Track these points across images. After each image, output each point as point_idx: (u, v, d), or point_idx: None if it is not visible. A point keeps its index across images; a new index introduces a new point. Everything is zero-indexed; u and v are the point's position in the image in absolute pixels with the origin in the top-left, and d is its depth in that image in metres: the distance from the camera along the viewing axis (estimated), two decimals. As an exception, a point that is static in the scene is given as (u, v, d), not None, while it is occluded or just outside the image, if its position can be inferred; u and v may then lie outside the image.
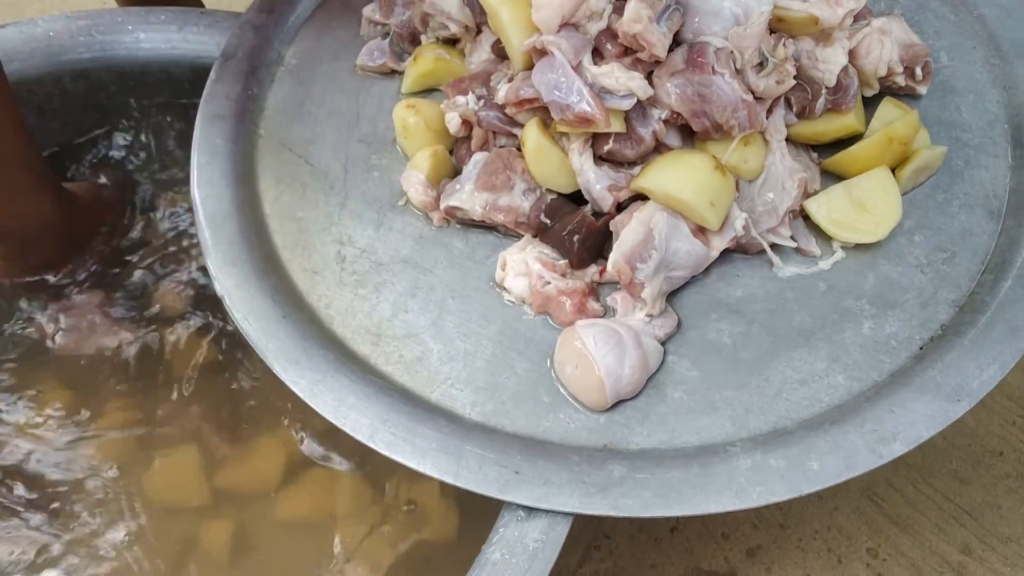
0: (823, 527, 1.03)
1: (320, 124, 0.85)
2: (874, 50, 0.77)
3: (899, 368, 0.69)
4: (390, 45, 0.88)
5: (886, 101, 0.78)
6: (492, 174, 0.75)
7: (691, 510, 0.63)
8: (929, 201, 0.77)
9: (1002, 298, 0.70)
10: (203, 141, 0.82)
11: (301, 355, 0.71)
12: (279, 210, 0.80)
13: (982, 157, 0.79)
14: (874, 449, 0.64)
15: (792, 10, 0.72)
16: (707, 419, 0.68)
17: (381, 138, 0.84)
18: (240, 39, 0.88)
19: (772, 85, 0.71)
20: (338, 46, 0.90)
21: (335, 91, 0.87)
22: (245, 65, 0.87)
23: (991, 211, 0.76)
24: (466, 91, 0.79)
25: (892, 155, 0.74)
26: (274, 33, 0.90)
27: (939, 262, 0.74)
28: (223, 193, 0.79)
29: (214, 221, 0.77)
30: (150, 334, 0.91)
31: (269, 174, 0.82)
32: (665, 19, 0.70)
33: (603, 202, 0.73)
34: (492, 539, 0.65)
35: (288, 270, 0.76)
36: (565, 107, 0.71)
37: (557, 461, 0.65)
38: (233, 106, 0.84)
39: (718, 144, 0.73)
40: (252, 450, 0.87)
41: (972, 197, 0.77)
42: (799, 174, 0.74)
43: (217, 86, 0.85)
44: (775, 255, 0.74)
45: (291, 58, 0.89)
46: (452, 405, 0.69)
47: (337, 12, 0.92)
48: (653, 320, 0.71)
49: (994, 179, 0.78)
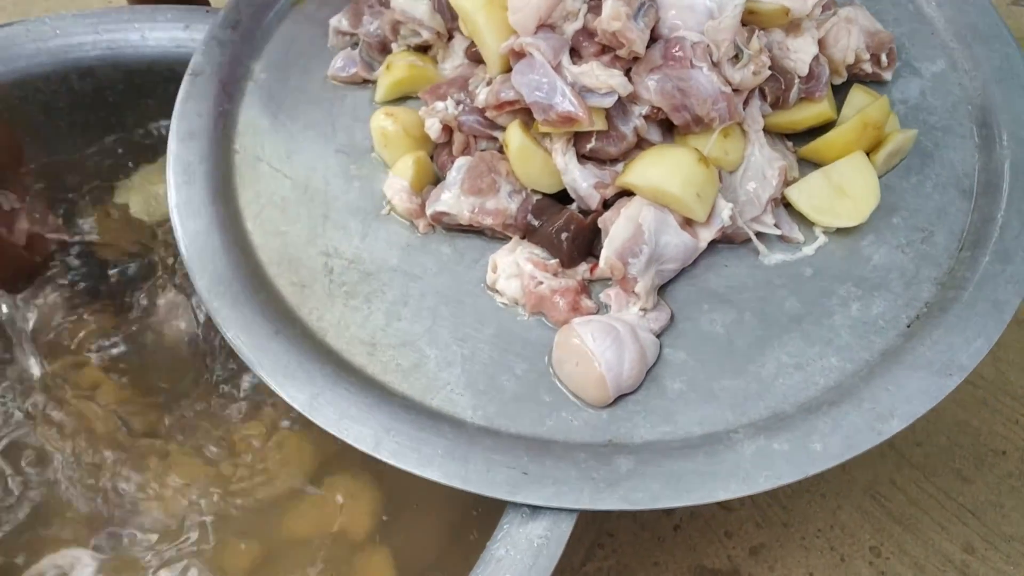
0: (826, 525, 1.04)
1: (296, 137, 0.84)
2: (842, 38, 0.78)
3: (889, 347, 0.70)
4: (360, 55, 0.88)
5: (855, 88, 0.80)
6: (477, 178, 0.75)
7: (701, 499, 0.64)
8: (903, 183, 0.79)
9: (982, 273, 0.72)
10: (178, 161, 0.81)
11: (297, 369, 0.70)
12: (262, 226, 0.79)
13: (950, 138, 0.81)
14: (873, 427, 0.65)
15: (763, 2, 0.74)
16: (708, 408, 0.69)
17: (359, 148, 0.83)
18: (207, 55, 0.87)
19: (749, 76, 0.72)
20: (307, 58, 0.89)
21: (308, 103, 0.86)
22: (215, 82, 0.85)
23: (963, 190, 0.78)
24: (444, 96, 0.79)
25: (867, 140, 0.76)
26: (241, 48, 0.89)
27: (918, 242, 0.76)
28: (202, 211, 0.78)
29: (196, 241, 0.76)
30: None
31: (248, 190, 0.81)
32: (642, 15, 0.71)
33: (590, 200, 0.74)
34: (497, 535, 0.65)
35: (276, 285, 0.76)
36: (548, 107, 0.71)
37: (564, 459, 0.66)
38: (206, 123, 0.83)
39: (698, 137, 0.74)
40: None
41: (944, 177, 0.79)
42: (779, 163, 0.75)
43: (187, 104, 0.84)
44: (760, 243, 0.75)
45: (260, 72, 0.88)
46: (453, 410, 0.69)
47: (303, 24, 0.92)
48: (647, 314, 0.72)
49: (963, 159, 0.80)
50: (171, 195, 0.79)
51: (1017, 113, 0.80)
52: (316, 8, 0.92)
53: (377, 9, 0.87)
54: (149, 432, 0.88)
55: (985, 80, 0.83)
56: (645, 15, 0.71)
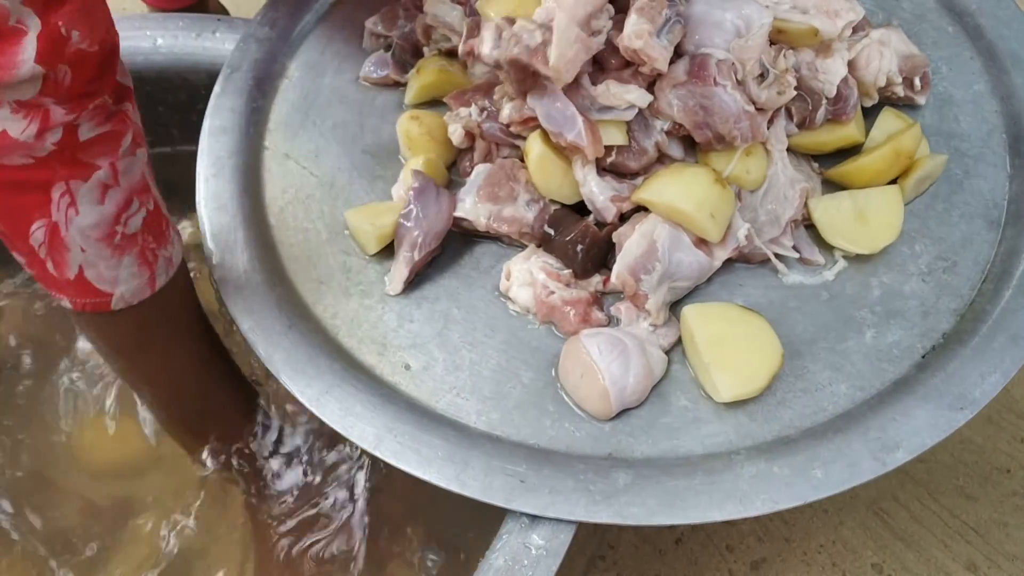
0: (828, 541, 1.03)
1: (324, 136, 0.85)
2: (873, 61, 0.77)
3: (901, 376, 0.69)
4: (393, 57, 0.89)
5: (886, 111, 0.79)
6: (495, 185, 0.76)
7: (696, 518, 0.63)
8: (929, 211, 0.77)
9: (1003, 307, 0.71)
10: (208, 155, 0.83)
11: (308, 365, 0.71)
12: (284, 221, 0.80)
13: (981, 167, 0.79)
14: (877, 457, 0.64)
15: (792, 22, 0.73)
16: (711, 427, 0.68)
17: (386, 149, 0.84)
18: (244, 52, 0.89)
19: (773, 96, 0.72)
20: (341, 58, 0.91)
21: (339, 103, 0.88)
22: (249, 78, 0.87)
23: (991, 220, 0.77)
24: (468, 103, 0.79)
25: (898, 168, 0.75)
26: (278, 46, 0.90)
27: (940, 271, 0.74)
28: (228, 206, 0.80)
29: (220, 234, 0.78)
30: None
31: (274, 186, 0.82)
32: (666, 32, 0.71)
33: (606, 213, 0.74)
34: (496, 545, 0.66)
35: (294, 281, 0.77)
36: (558, 134, 0.72)
37: (563, 469, 0.66)
38: (238, 119, 0.85)
39: (720, 155, 0.74)
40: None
41: (971, 207, 0.78)
42: (801, 184, 0.74)
43: (222, 99, 0.86)
44: (780, 263, 0.74)
45: (295, 70, 0.90)
46: (458, 414, 0.70)
47: (340, 25, 0.93)
48: (657, 330, 0.71)
49: (993, 189, 0.78)
50: (200, 188, 0.81)
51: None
52: (352, 10, 0.94)
53: (412, 12, 0.89)
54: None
55: (1021, 108, 0.81)
56: (670, 32, 0.71)
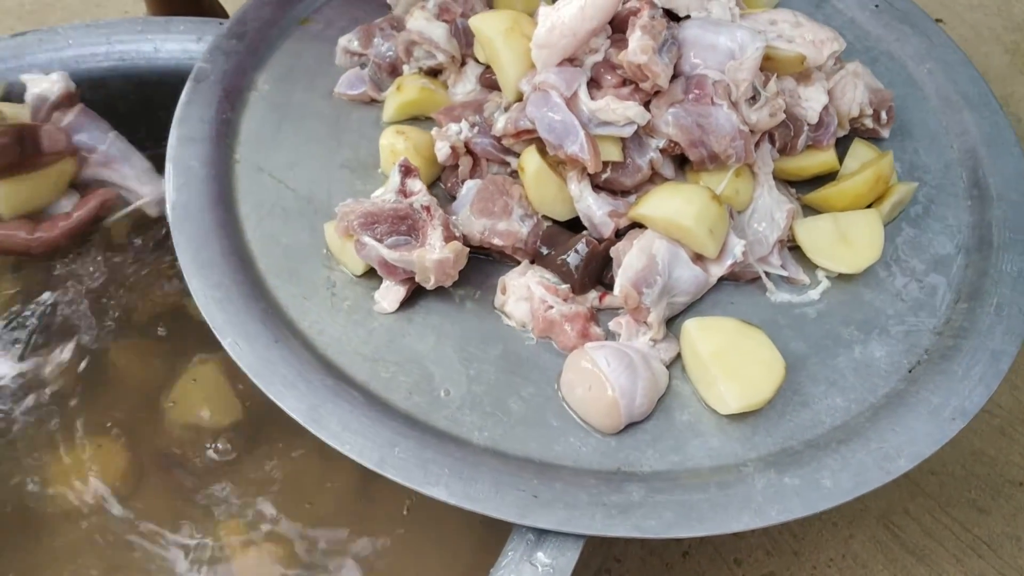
0: (838, 555, 1.02)
1: (299, 150, 0.82)
2: (848, 91, 0.81)
3: (892, 390, 0.71)
4: (369, 75, 0.87)
5: (857, 141, 0.83)
6: (488, 200, 0.75)
7: (713, 530, 0.63)
8: (902, 235, 0.81)
9: (979, 325, 0.74)
10: (178, 163, 0.79)
11: (297, 379, 0.68)
12: (262, 235, 0.77)
13: (943, 196, 0.84)
14: (881, 466, 0.66)
15: (781, 49, 0.76)
16: (716, 440, 0.68)
17: (364, 164, 0.82)
18: (212, 63, 0.85)
19: (765, 118, 0.74)
20: (312, 74, 0.88)
21: (313, 118, 0.85)
22: (218, 89, 0.84)
23: (957, 245, 0.81)
24: (459, 119, 0.78)
25: (876, 192, 0.78)
26: (246, 59, 0.87)
27: (916, 291, 0.77)
28: (201, 216, 0.76)
29: (193, 245, 0.74)
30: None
31: (249, 199, 0.79)
32: (665, 51, 0.72)
33: (603, 228, 0.74)
34: (501, 562, 0.64)
35: (277, 296, 0.73)
36: (558, 146, 0.72)
37: (574, 484, 0.64)
38: (208, 129, 0.81)
39: (711, 175, 0.75)
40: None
41: (939, 232, 0.81)
42: (787, 205, 0.76)
43: (190, 108, 0.82)
44: (769, 281, 0.76)
45: (263, 84, 0.87)
46: (459, 431, 0.67)
47: (309, 41, 0.91)
48: (657, 344, 0.71)
49: (956, 215, 0.82)
50: (169, 196, 0.76)
51: (1007, 176, 0.84)
52: (323, 28, 0.92)
53: (389, 32, 0.87)
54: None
55: (975, 144, 0.86)
56: (668, 51, 0.73)
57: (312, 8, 0.93)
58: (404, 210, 0.71)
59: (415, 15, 0.83)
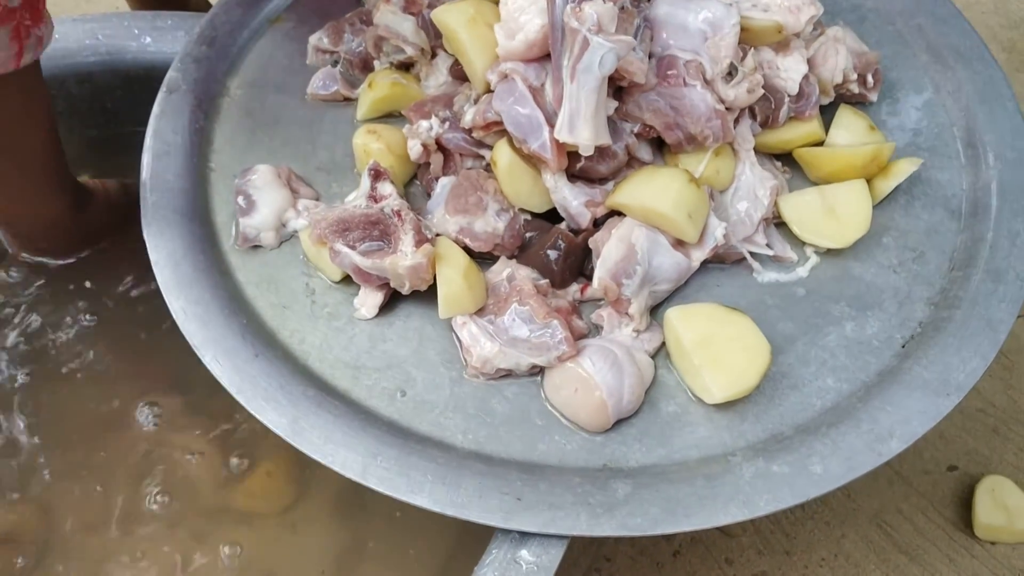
0: (830, 554, 1.01)
1: (275, 155, 0.82)
2: (830, 58, 0.78)
3: (885, 367, 0.70)
4: (341, 73, 0.86)
5: (843, 107, 0.80)
6: (462, 196, 0.73)
7: (700, 523, 0.62)
8: (893, 204, 0.78)
9: (974, 293, 0.72)
10: (152, 179, 0.78)
11: (278, 393, 0.67)
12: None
13: (937, 159, 0.81)
14: (873, 448, 0.64)
15: (755, 19, 0.73)
16: (703, 430, 0.67)
17: (340, 166, 0.81)
18: (183, 72, 0.84)
19: (743, 95, 0.72)
20: (285, 76, 0.87)
21: (287, 121, 0.84)
22: (190, 99, 0.83)
23: (951, 210, 0.78)
24: (429, 114, 0.77)
25: (866, 171, 0.75)
26: (217, 65, 0.86)
27: (910, 261, 0.75)
28: (178, 232, 0.75)
29: (171, 261, 0.73)
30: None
31: (225, 209, 0.78)
32: (639, 42, 0.70)
33: (581, 219, 0.72)
34: (485, 560, 0.63)
35: (255, 307, 0.73)
36: (522, 141, 0.70)
37: (559, 484, 0.63)
38: (181, 141, 0.81)
39: (690, 156, 0.73)
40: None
41: (932, 198, 0.79)
42: (771, 182, 0.74)
43: (162, 121, 0.81)
44: (755, 261, 0.74)
45: (236, 89, 0.86)
46: (442, 435, 0.67)
47: (281, 42, 0.89)
48: (640, 335, 0.70)
49: (950, 179, 0.80)
50: (145, 214, 0.76)
51: (1002, 133, 0.80)
52: (294, 26, 0.90)
53: (359, 27, 0.86)
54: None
55: (969, 101, 0.83)
56: (642, 41, 0.70)
57: (283, 6, 0.92)
58: (375, 215, 0.70)
59: (382, 9, 0.81)
